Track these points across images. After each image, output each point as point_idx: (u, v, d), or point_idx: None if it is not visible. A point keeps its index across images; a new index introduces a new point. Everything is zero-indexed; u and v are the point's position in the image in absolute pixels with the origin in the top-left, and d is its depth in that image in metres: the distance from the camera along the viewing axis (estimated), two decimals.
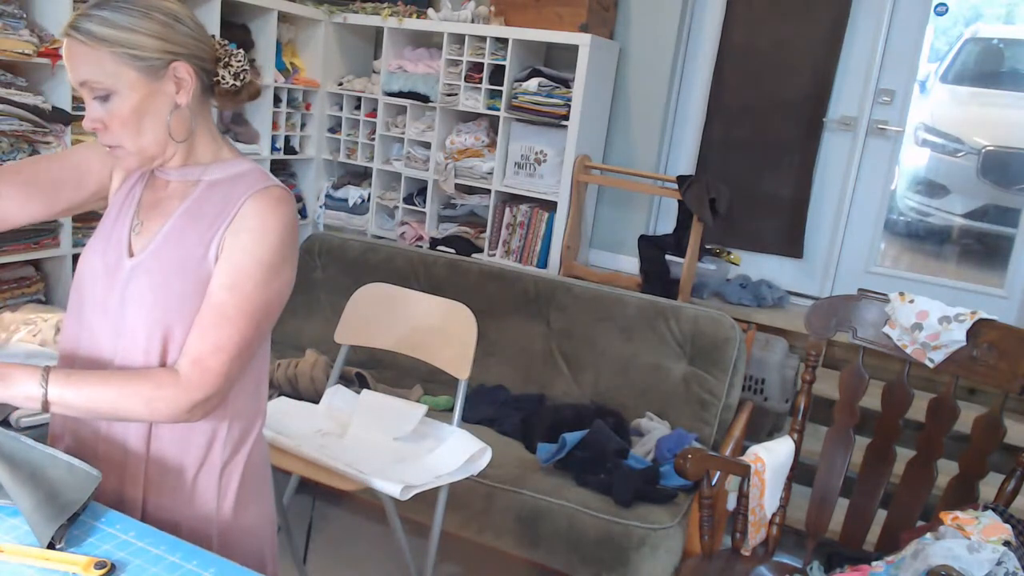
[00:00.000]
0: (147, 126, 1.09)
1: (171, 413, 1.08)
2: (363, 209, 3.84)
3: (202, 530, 1.18)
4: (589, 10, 3.25)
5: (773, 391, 2.91)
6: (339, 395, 2.09)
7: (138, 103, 1.07)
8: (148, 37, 1.06)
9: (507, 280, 2.93)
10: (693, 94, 3.60)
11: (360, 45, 3.93)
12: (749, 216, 3.53)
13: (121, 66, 1.05)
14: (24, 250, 2.61)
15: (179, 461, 1.17)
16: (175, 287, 1.11)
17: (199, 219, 1.13)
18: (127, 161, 1.13)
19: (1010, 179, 3.22)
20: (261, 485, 1.27)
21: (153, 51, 1.06)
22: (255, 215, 1.11)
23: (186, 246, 1.11)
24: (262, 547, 1.27)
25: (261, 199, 1.11)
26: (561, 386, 2.77)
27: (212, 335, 1.08)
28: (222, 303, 1.09)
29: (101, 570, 0.95)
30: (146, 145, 1.11)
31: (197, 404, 1.08)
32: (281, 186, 1.15)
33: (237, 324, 1.09)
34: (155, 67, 1.07)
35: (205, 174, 1.16)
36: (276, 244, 1.11)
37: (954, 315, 1.78)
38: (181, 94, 1.10)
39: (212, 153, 1.18)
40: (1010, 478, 1.69)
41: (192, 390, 1.07)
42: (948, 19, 3.24)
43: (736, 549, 1.87)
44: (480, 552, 2.46)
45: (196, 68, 1.11)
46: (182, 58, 1.09)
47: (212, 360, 1.08)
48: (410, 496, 1.64)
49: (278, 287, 1.13)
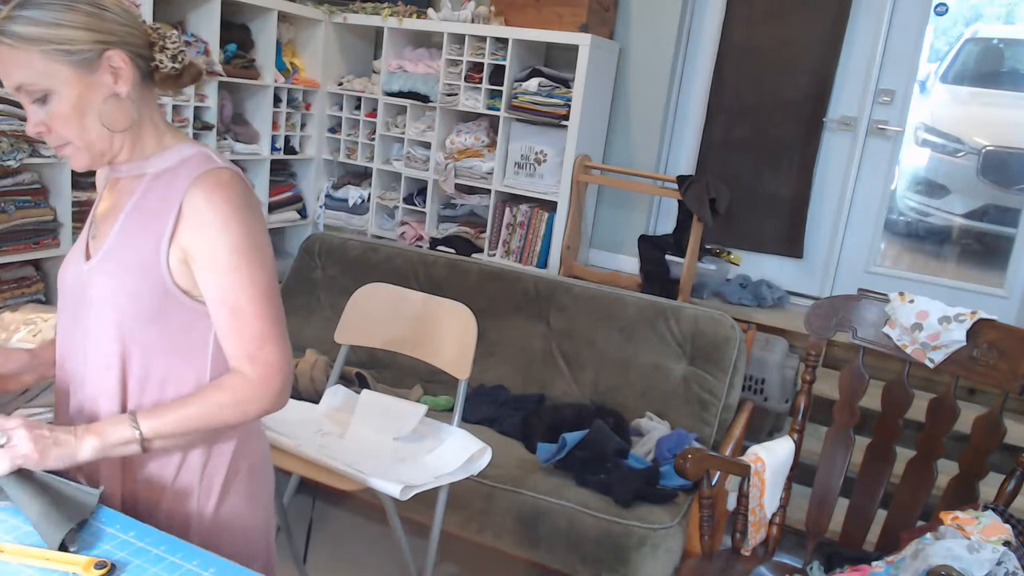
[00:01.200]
0: (89, 121, 1.07)
1: (260, 410, 1.12)
2: (363, 209, 3.84)
3: (181, 531, 1.17)
4: (589, 10, 3.25)
5: (773, 391, 2.91)
6: (339, 395, 2.09)
7: (77, 99, 1.05)
8: (75, 29, 1.02)
9: (507, 280, 2.93)
10: (693, 94, 3.60)
11: (360, 45, 3.93)
12: (749, 216, 3.53)
13: (53, 64, 1.02)
14: (24, 250, 2.61)
15: (157, 464, 1.16)
16: (128, 285, 1.10)
17: (146, 215, 1.11)
18: (77, 159, 1.11)
19: (1010, 179, 3.22)
20: (256, 486, 1.26)
21: (83, 43, 1.03)
22: (207, 207, 1.07)
23: (136, 244, 1.10)
24: (252, 548, 1.25)
25: (205, 187, 1.08)
26: (561, 386, 2.77)
27: (246, 332, 1.10)
28: (232, 303, 1.09)
29: (101, 570, 0.95)
30: (93, 140, 1.09)
31: (278, 394, 1.12)
32: (225, 167, 1.12)
33: (257, 310, 1.10)
34: (88, 59, 1.04)
35: (149, 166, 1.14)
36: (241, 225, 1.08)
37: (954, 315, 1.78)
38: (119, 83, 1.07)
39: (156, 142, 1.15)
40: (1010, 478, 1.69)
41: (268, 383, 1.11)
42: (948, 19, 3.24)
43: (736, 549, 1.87)
44: (480, 552, 2.46)
45: (131, 55, 1.08)
46: (114, 46, 1.05)
47: (263, 352, 1.10)
48: (410, 496, 1.64)
49: (269, 262, 1.12)
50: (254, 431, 1.26)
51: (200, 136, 3.19)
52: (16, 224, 2.55)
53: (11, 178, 2.54)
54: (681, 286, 3.15)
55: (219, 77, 3.16)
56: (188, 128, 3.09)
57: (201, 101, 3.15)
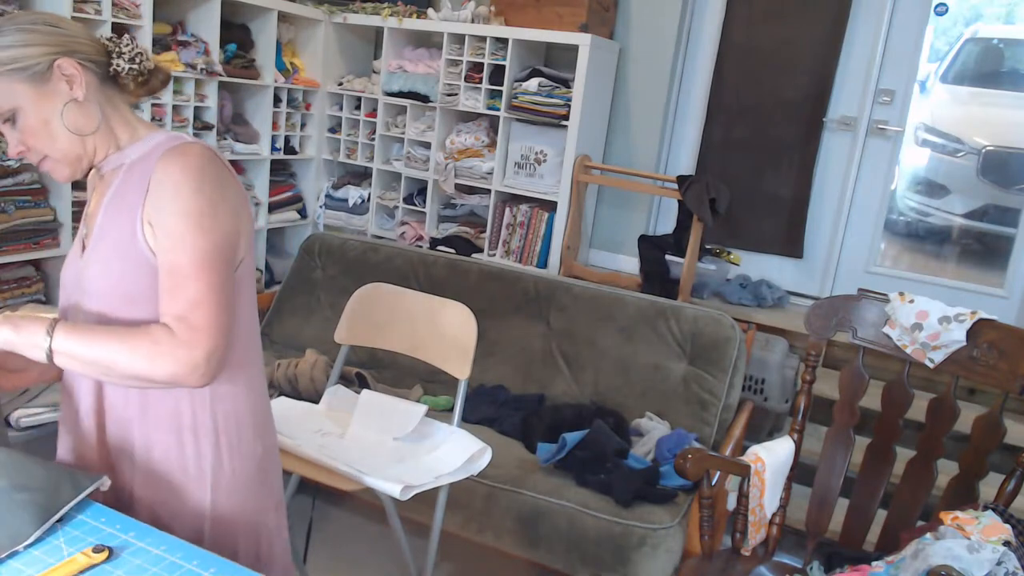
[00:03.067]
0: (56, 129, 1.12)
1: (175, 371, 1.07)
2: (363, 209, 3.84)
3: (193, 523, 1.18)
4: (589, 10, 3.25)
5: (773, 391, 2.91)
6: (339, 395, 2.09)
7: (38, 111, 1.11)
8: (21, 47, 1.08)
9: (507, 280, 2.93)
10: (693, 94, 3.60)
11: (360, 45, 3.93)
12: (749, 216, 3.53)
13: (11, 83, 1.09)
14: (24, 250, 2.61)
15: (167, 452, 1.18)
16: (115, 271, 1.13)
17: (123, 200, 1.14)
18: (59, 171, 1.17)
19: (1010, 179, 3.22)
20: (265, 476, 1.26)
21: (31, 58, 1.09)
22: (164, 176, 1.10)
23: (116, 229, 1.13)
24: (259, 538, 1.25)
25: (167, 159, 1.11)
26: (561, 386, 2.77)
27: (180, 294, 1.08)
28: (173, 264, 1.09)
29: (100, 554, 0.96)
30: (65, 148, 1.14)
31: (199, 363, 1.07)
32: (190, 140, 1.15)
33: (198, 276, 1.09)
34: (40, 71, 1.10)
35: (125, 157, 1.18)
36: (194, 193, 1.09)
37: (954, 315, 1.78)
38: (75, 88, 1.12)
39: (129, 135, 1.19)
40: (1010, 478, 1.69)
41: (190, 347, 1.07)
42: (948, 19, 3.24)
43: (736, 549, 1.87)
44: (480, 552, 2.46)
45: (81, 60, 1.12)
46: (62, 55, 1.11)
47: (195, 316, 1.08)
48: (410, 496, 1.64)
49: (220, 232, 1.11)
50: (265, 426, 1.26)
51: (200, 136, 3.19)
52: (16, 224, 2.55)
53: (11, 178, 2.54)
54: (681, 286, 3.15)
55: (219, 77, 3.16)
56: (188, 128, 3.09)
57: (201, 101, 3.15)
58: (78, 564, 0.95)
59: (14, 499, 1.01)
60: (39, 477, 1.06)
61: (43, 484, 1.04)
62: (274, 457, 1.30)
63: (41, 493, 1.03)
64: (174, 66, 2.98)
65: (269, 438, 1.28)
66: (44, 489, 1.04)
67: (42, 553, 0.98)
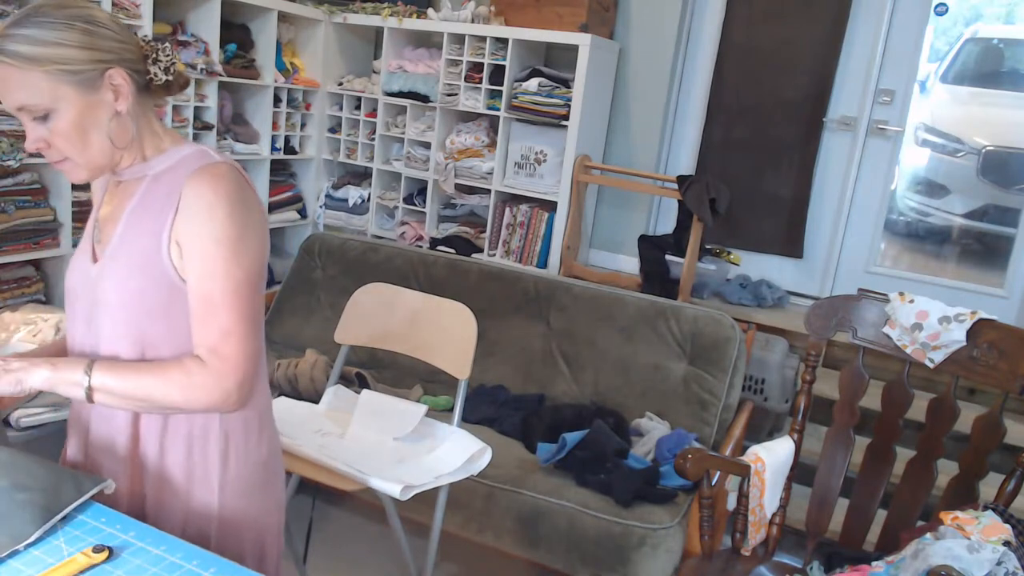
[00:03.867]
0: (92, 138, 1.09)
1: (209, 401, 1.09)
2: (363, 209, 3.84)
3: (202, 523, 1.19)
4: (589, 10, 3.25)
5: (773, 391, 2.91)
6: (339, 395, 2.08)
7: (78, 117, 1.06)
8: (76, 49, 1.03)
9: (507, 280, 2.93)
10: (693, 94, 3.60)
11: (360, 45, 3.93)
12: (749, 216, 3.53)
13: (57, 84, 1.03)
14: (24, 250, 2.61)
15: (177, 458, 1.18)
16: (134, 285, 1.11)
17: (148, 213, 1.12)
18: (76, 174, 1.13)
19: (1010, 179, 3.22)
20: (269, 477, 1.27)
21: (84, 63, 1.04)
22: (196, 197, 1.09)
23: (139, 243, 1.12)
24: (263, 538, 1.26)
25: (198, 179, 1.09)
26: (561, 386, 2.77)
27: (212, 323, 1.09)
28: (205, 292, 1.09)
29: (100, 554, 0.96)
30: (93, 156, 1.10)
31: (231, 392, 1.09)
32: (223, 161, 1.13)
33: (229, 305, 1.09)
34: (91, 79, 1.05)
35: (149, 168, 1.16)
36: (227, 218, 1.08)
37: (954, 315, 1.77)
38: (120, 101, 1.09)
39: (155, 147, 1.17)
40: (1010, 478, 1.69)
41: (222, 378, 1.09)
42: (948, 19, 3.24)
43: (736, 549, 1.87)
44: (480, 552, 2.46)
45: (129, 71, 1.09)
46: (114, 64, 1.07)
47: (226, 346, 1.09)
48: (410, 496, 1.64)
49: (250, 257, 1.11)
50: (270, 430, 1.26)
51: (200, 136, 3.19)
52: (16, 224, 2.55)
53: (11, 178, 2.54)
54: (681, 286, 3.15)
55: (219, 77, 3.16)
56: (188, 128, 3.09)
57: (201, 101, 3.15)
58: (78, 564, 0.95)
59: (15, 499, 1.01)
60: (41, 477, 1.06)
61: (44, 484, 1.05)
62: (277, 458, 1.31)
63: (42, 493, 1.03)
64: None
65: (274, 441, 1.29)
66: (45, 489, 1.04)
67: (42, 553, 0.97)
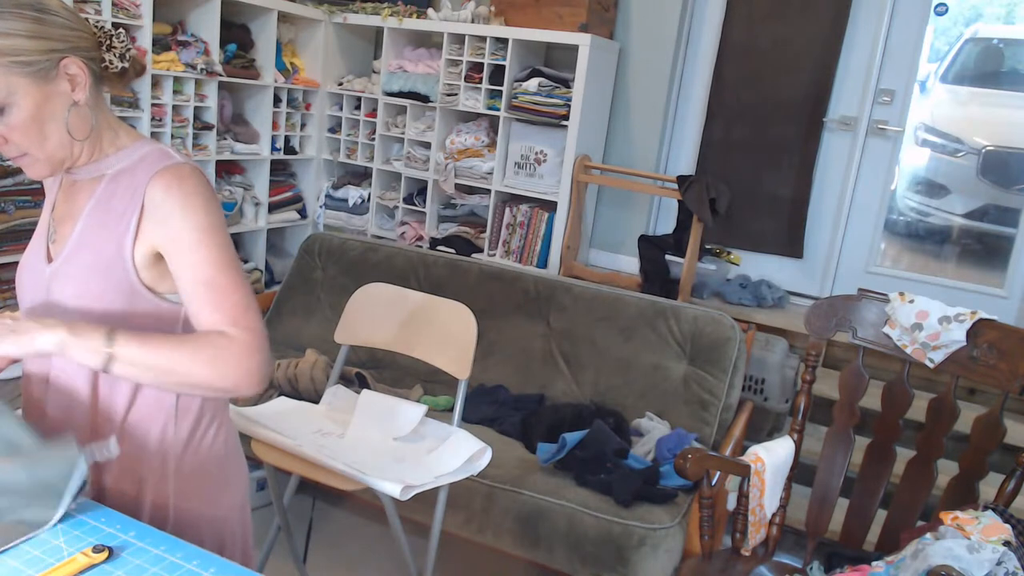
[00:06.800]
0: (50, 131, 1.05)
1: (239, 377, 1.05)
2: (363, 209, 3.84)
3: (159, 516, 1.17)
4: (589, 10, 3.25)
5: (773, 391, 2.91)
6: (339, 395, 2.08)
7: (35, 110, 1.03)
8: (27, 39, 1.00)
9: (507, 280, 2.93)
10: (693, 94, 3.60)
11: (360, 45, 3.93)
12: (749, 216, 3.53)
13: (10, 76, 1.00)
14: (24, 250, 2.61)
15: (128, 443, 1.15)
16: (93, 288, 1.09)
17: (107, 215, 1.10)
18: (36, 169, 1.09)
19: (1010, 179, 3.22)
20: (228, 477, 1.25)
21: (37, 52, 1.01)
22: (166, 199, 1.07)
23: (98, 245, 1.10)
24: (222, 540, 1.24)
25: (164, 181, 1.07)
26: (561, 386, 2.77)
27: (226, 302, 1.07)
28: (207, 278, 1.07)
29: (100, 554, 0.96)
30: (53, 150, 1.07)
31: (255, 369, 1.06)
32: (184, 162, 1.11)
33: (235, 284, 1.08)
34: (45, 69, 1.02)
35: (107, 167, 1.13)
36: (203, 208, 1.08)
37: (954, 315, 1.78)
38: (77, 91, 1.06)
39: (112, 143, 1.14)
40: (1010, 478, 1.69)
41: (252, 352, 1.06)
42: (948, 19, 3.24)
43: (736, 549, 1.87)
44: (480, 552, 2.46)
45: (85, 60, 1.06)
46: (68, 53, 1.04)
47: (247, 319, 1.07)
48: (410, 496, 1.64)
49: (228, 242, 1.10)
50: (223, 424, 1.24)
51: (200, 136, 3.19)
52: (16, 224, 2.55)
53: (11, 178, 2.54)
54: (681, 286, 3.15)
55: (219, 77, 3.16)
56: (188, 128, 3.09)
57: (201, 101, 3.15)
58: (78, 564, 0.95)
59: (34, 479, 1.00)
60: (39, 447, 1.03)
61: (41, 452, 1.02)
62: (237, 460, 1.28)
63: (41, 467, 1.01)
64: (174, 66, 2.98)
65: (231, 441, 1.26)
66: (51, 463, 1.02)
67: (42, 553, 0.97)
